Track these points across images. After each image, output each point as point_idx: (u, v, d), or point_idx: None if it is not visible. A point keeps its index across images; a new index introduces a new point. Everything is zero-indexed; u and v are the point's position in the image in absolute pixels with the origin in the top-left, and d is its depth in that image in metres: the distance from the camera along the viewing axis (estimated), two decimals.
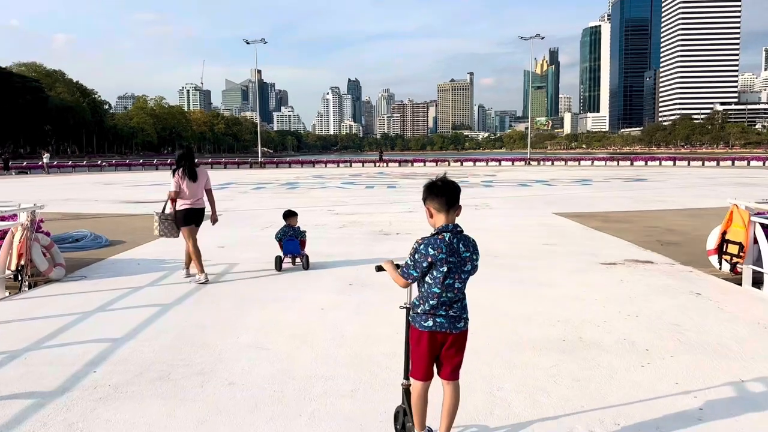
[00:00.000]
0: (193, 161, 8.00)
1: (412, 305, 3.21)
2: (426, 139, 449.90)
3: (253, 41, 65.97)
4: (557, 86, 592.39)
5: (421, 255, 3.03)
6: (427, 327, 3.07)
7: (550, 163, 63.73)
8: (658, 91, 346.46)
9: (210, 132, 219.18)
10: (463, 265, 3.07)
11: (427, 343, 3.09)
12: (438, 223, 3.12)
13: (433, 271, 3.03)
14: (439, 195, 3.10)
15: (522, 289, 7.15)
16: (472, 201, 19.24)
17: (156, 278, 7.90)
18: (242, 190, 25.57)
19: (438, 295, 3.04)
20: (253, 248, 10.27)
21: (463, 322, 3.13)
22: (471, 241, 3.16)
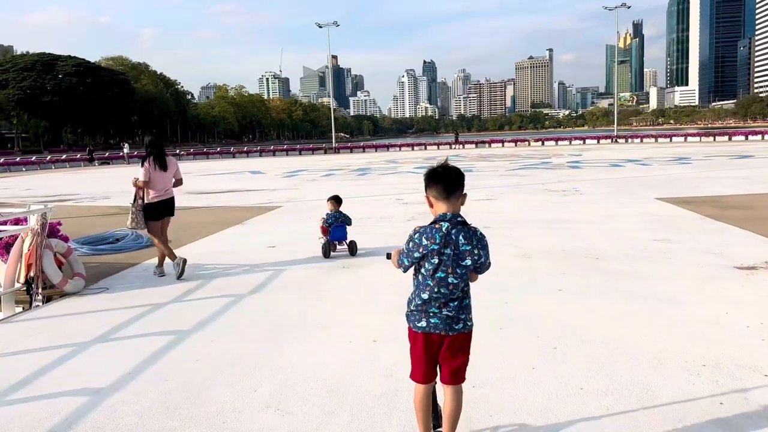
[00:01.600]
0: (162, 149, 7.65)
1: (408, 300, 2.99)
2: (504, 118, 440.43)
3: (325, 25, 65.09)
4: (642, 60, 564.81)
5: (414, 244, 2.85)
6: (421, 328, 2.88)
7: (639, 141, 59.75)
8: (753, 61, 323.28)
9: (288, 119, 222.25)
10: (460, 259, 2.81)
11: (422, 345, 2.89)
12: (438, 212, 2.87)
13: (425, 263, 2.83)
14: (438, 181, 2.84)
15: (636, 309, 5.42)
16: (559, 185, 17.27)
17: (186, 290, 6.66)
18: (311, 178, 24.49)
19: (430, 288, 2.84)
20: (308, 247, 8.93)
21: (461, 323, 2.87)
22: (476, 234, 2.94)
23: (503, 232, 9.68)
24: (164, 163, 7.52)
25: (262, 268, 7.67)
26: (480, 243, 2.91)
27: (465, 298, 2.88)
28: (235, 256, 8.49)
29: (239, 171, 32.24)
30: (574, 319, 5.15)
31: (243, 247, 9.25)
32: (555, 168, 25.17)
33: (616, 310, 5.41)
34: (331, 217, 8.46)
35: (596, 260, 7.43)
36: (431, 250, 2.77)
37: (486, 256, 2.92)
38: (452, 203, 2.84)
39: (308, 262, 7.98)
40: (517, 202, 13.77)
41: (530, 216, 11.51)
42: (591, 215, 11.40)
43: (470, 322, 2.91)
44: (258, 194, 18.08)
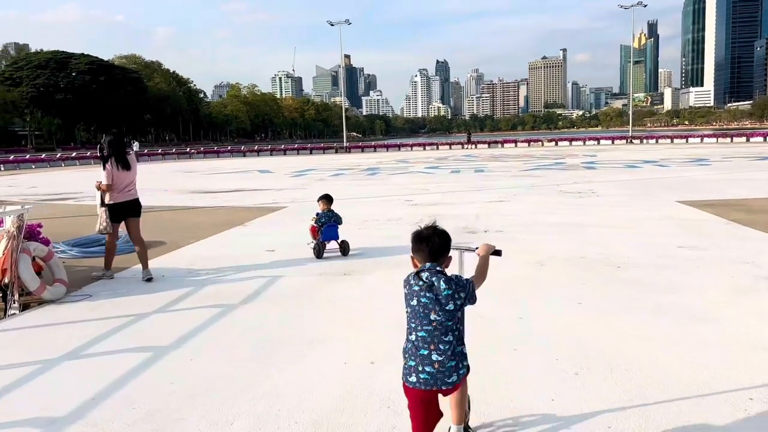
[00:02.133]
0: (124, 148, 7.38)
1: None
2: (517, 118, 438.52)
3: (337, 23, 64.65)
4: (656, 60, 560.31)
5: (406, 292, 2.84)
6: (410, 382, 2.76)
7: (654, 141, 58.80)
8: None
9: (301, 118, 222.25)
10: (443, 303, 2.71)
11: (415, 400, 2.79)
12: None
13: (412, 304, 2.79)
14: (422, 247, 2.82)
15: (666, 327, 4.85)
16: (574, 186, 16.65)
17: (173, 299, 6.17)
18: (319, 177, 24.00)
19: (415, 329, 2.79)
20: (308, 251, 8.42)
21: (455, 375, 2.74)
22: (455, 279, 2.79)
23: (517, 237, 9.11)
24: (127, 162, 7.25)
25: (258, 273, 7.17)
26: (461, 286, 2.76)
27: (456, 346, 2.76)
28: (232, 261, 8.00)
29: (248, 170, 31.82)
30: (598, 339, 4.59)
31: (241, 250, 8.75)
32: (569, 169, 24.52)
33: (643, 327, 4.84)
34: (323, 216, 8.26)
35: (618, 269, 6.86)
36: (414, 292, 2.77)
37: (469, 295, 2.79)
38: (430, 260, 2.81)
39: (307, 267, 7.46)
40: (531, 204, 13.19)
41: (545, 219, 10.94)
42: (610, 219, 10.81)
43: (463, 371, 2.80)
44: (263, 194, 17.61)
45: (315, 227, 8.24)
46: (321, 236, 8.16)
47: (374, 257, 7.93)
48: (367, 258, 7.88)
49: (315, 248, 8.07)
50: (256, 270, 7.36)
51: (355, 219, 11.57)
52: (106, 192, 7.21)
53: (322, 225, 8.21)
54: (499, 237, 9.21)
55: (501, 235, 9.41)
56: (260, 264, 7.75)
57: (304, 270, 7.34)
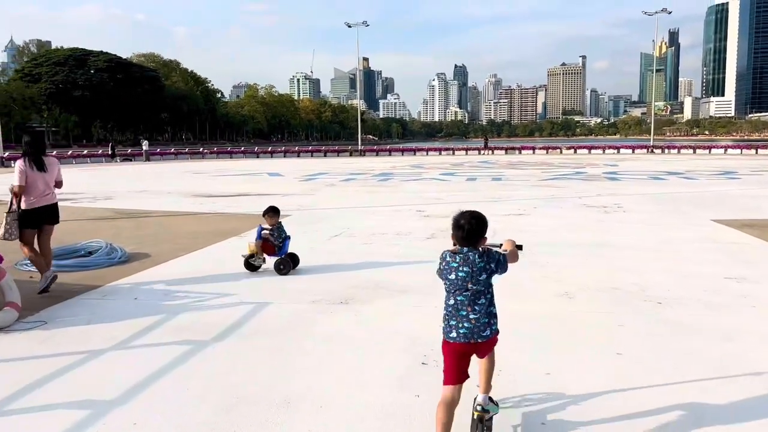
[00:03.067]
0: (40, 148, 6.90)
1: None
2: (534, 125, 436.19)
3: (355, 24, 63.85)
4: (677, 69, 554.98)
5: (442, 266, 3.23)
6: (451, 337, 3.16)
7: (677, 151, 57.38)
8: None
9: (317, 120, 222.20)
10: (477, 274, 3.14)
11: (449, 354, 3.19)
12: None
13: (452, 278, 3.17)
14: (459, 230, 3.24)
15: (736, 396, 3.87)
16: (598, 200, 15.60)
17: (138, 329, 5.27)
18: (329, 183, 23.10)
19: (454, 297, 3.19)
20: (306, 272, 7.52)
21: (488, 330, 3.17)
22: (489, 252, 3.25)
23: (540, 259, 8.13)
24: (42, 164, 6.73)
25: (243, 298, 6.26)
26: (492, 260, 3.20)
27: (488, 308, 3.19)
28: (218, 280, 7.11)
29: (258, 172, 31.01)
30: (650, 413, 3.62)
31: (230, 267, 7.85)
32: (591, 179, 23.43)
33: (707, 396, 3.85)
34: (278, 230, 7.65)
35: (659, 306, 5.87)
36: (449, 268, 3.17)
37: (499, 265, 3.21)
38: (466, 244, 3.20)
39: (300, 291, 6.53)
40: (554, 219, 12.19)
41: (570, 237, 9.94)
42: (641, 239, 9.80)
43: (495, 327, 3.22)
44: (269, 199, 16.67)
45: (270, 246, 7.53)
46: (279, 252, 7.54)
47: (377, 281, 6.99)
48: (368, 282, 6.94)
49: (277, 266, 7.38)
50: (242, 293, 6.46)
51: (361, 232, 10.65)
52: (18, 195, 6.59)
53: (283, 240, 7.62)
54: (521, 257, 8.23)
55: (522, 255, 8.42)
56: (248, 285, 6.85)
57: (295, 295, 6.41)
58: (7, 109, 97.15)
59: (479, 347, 3.18)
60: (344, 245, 9.48)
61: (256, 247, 7.51)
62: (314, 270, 7.65)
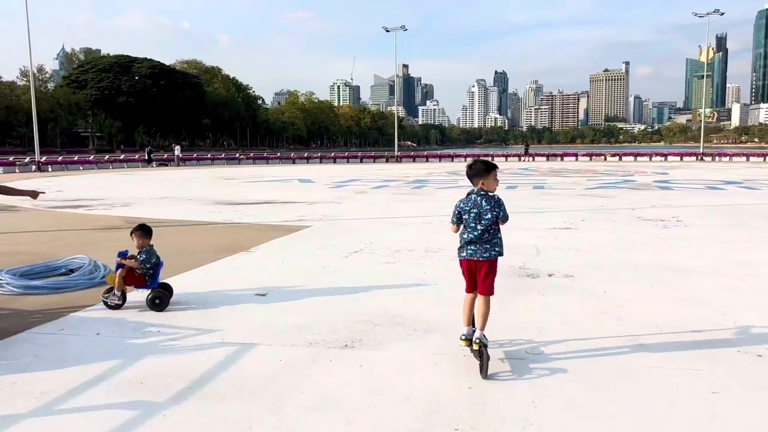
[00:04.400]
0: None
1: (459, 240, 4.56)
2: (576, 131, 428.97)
3: (392, 29, 62.82)
4: (724, 75, 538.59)
5: (457, 209, 4.50)
6: (463, 256, 4.53)
7: (728, 159, 54.72)
8: None
9: (356, 126, 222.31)
10: (483, 215, 4.37)
11: (465, 268, 4.57)
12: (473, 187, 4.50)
13: (465, 217, 4.43)
14: (468, 171, 4.58)
15: None
16: (653, 212, 14.04)
17: (85, 380, 4.13)
18: (360, 190, 21.94)
19: (468, 232, 4.43)
20: (310, 299, 6.33)
21: (488, 252, 4.42)
22: (494, 198, 4.45)
23: (594, 287, 6.77)
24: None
25: (225, 336, 5.08)
26: (497, 204, 4.42)
27: (493, 238, 4.43)
28: (203, 309, 5.96)
29: (289, 178, 30.10)
30: None
31: (223, 291, 6.70)
32: (642, 188, 21.74)
33: None
34: (147, 253, 6.09)
35: (760, 360, 4.47)
36: (465, 210, 4.43)
37: (502, 212, 4.43)
38: (476, 183, 4.44)
39: (298, 329, 5.32)
40: (605, 234, 10.75)
41: (626, 258, 8.52)
42: (710, 260, 8.31)
43: (496, 251, 4.46)
44: (293, 208, 15.65)
45: (139, 275, 5.98)
46: (151, 283, 5.99)
47: (394, 313, 5.74)
48: (383, 315, 5.69)
49: (152, 301, 5.86)
50: (227, 329, 5.28)
51: (385, 247, 9.41)
52: None
53: (151, 268, 6.04)
54: (569, 285, 6.89)
55: (571, 281, 7.07)
56: (237, 318, 5.67)
57: (291, 333, 5.19)
58: (54, 114, 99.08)
59: (480, 264, 4.42)
60: (363, 264, 8.26)
61: (116, 279, 5.88)
62: (321, 296, 6.44)
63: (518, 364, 4.42)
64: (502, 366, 4.38)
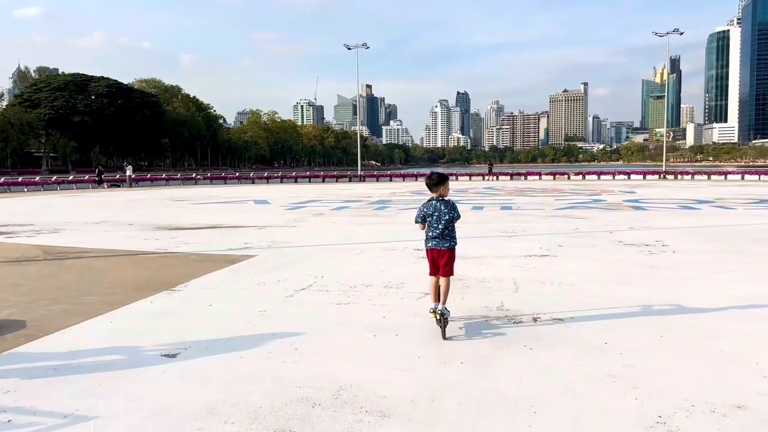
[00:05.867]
0: None
1: (424, 240, 5.89)
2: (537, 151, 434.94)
3: (354, 47, 61.82)
4: (678, 96, 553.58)
5: (421, 212, 5.78)
6: (429, 246, 5.81)
7: (690, 177, 54.84)
8: None
9: (320, 146, 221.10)
10: (442, 216, 5.68)
11: (429, 256, 5.84)
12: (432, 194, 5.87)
13: (429, 218, 5.74)
14: (426, 183, 5.97)
15: None
16: (634, 235, 12.91)
17: None
18: (319, 211, 20.46)
19: (432, 230, 5.74)
20: (234, 363, 4.89)
21: (448, 243, 5.71)
22: (449, 203, 5.80)
23: (589, 334, 5.48)
24: None
25: (103, 426, 3.60)
26: (453, 207, 5.79)
27: (450, 234, 5.75)
28: (83, 381, 4.46)
29: (244, 199, 28.45)
30: None
31: (124, 349, 5.20)
32: (613, 208, 20.77)
33: None
34: None
35: None
36: (428, 213, 5.73)
37: (456, 213, 5.81)
38: (435, 191, 5.80)
39: (207, 414, 3.85)
40: (588, 263, 9.52)
41: (620, 295, 7.25)
42: (719, 296, 7.11)
43: (453, 242, 5.78)
44: (240, 233, 14.12)
45: None
46: None
47: (341, 386, 4.33)
48: (326, 389, 4.27)
49: None
50: (106, 415, 3.80)
51: (339, 283, 8.00)
52: None
53: None
54: (561, 333, 5.58)
55: (562, 328, 5.77)
56: (126, 398, 4.18)
57: (192, 423, 3.74)
58: (4, 134, 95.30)
59: (442, 252, 5.70)
60: (310, 306, 6.82)
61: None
62: (249, 357, 4.99)
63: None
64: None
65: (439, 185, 5.79)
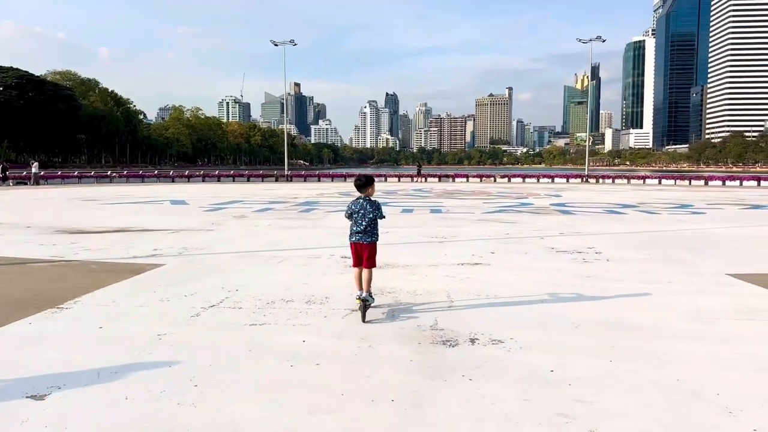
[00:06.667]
0: None
1: (349, 234, 6.57)
2: (463, 153, 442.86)
3: (281, 43, 60.40)
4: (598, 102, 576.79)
5: (349, 209, 6.46)
6: (353, 240, 6.43)
7: (611, 181, 56.41)
8: (705, 107, 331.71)
9: (246, 144, 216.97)
10: (367, 213, 6.31)
11: (353, 249, 6.45)
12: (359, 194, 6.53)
13: (354, 215, 6.38)
14: (355, 185, 6.60)
15: None
16: (565, 241, 12.60)
17: None
18: (240, 214, 19.35)
19: (356, 225, 6.35)
20: (112, 411, 3.99)
21: (370, 238, 6.32)
22: (375, 203, 6.44)
23: (533, 360, 4.88)
24: None
25: None
26: (377, 207, 6.42)
27: (373, 230, 6.37)
28: None
29: (160, 199, 26.86)
30: None
31: None
32: (542, 212, 20.67)
33: None
34: None
35: None
36: (354, 210, 6.37)
37: (380, 213, 6.45)
38: (363, 192, 6.46)
39: None
40: (523, 273, 9.02)
41: (560, 310, 6.74)
42: (664, 310, 6.70)
43: (375, 238, 6.39)
44: (150, 238, 12.96)
45: None
46: None
47: None
48: None
49: None
50: None
51: (255, 297, 7.15)
52: None
53: None
54: (503, 359, 4.97)
55: (503, 352, 5.16)
56: None
57: None
58: None
59: (364, 246, 6.31)
60: (218, 328, 5.95)
61: None
62: (132, 400, 4.10)
63: None
64: None
65: (366, 187, 6.49)
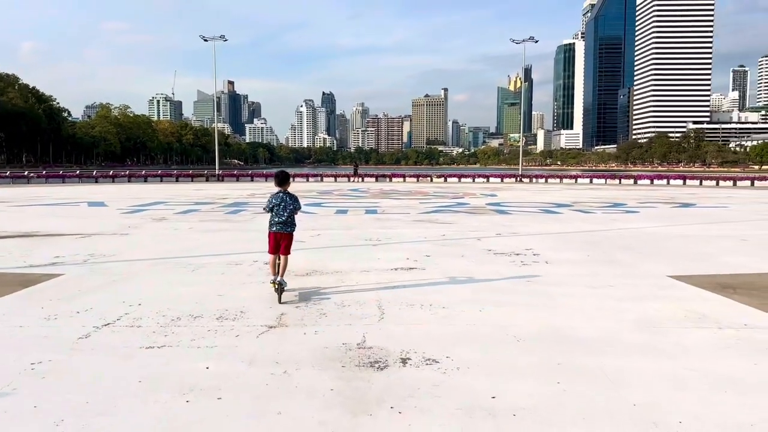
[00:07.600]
0: None
1: (268, 225, 7.20)
2: (401, 153, 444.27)
3: (211, 38, 58.50)
4: (530, 103, 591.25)
5: (269, 202, 7.08)
6: (272, 231, 7.04)
7: (544, 181, 57.21)
8: (632, 109, 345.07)
9: (178, 143, 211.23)
10: (287, 206, 7.05)
11: (272, 238, 7.05)
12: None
13: (274, 207, 7.05)
14: (275, 180, 7.24)
15: None
16: (502, 242, 12.14)
17: None
18: (161, 216, 18.13)
19: (277, 217, 7.04)
20: None
21: (289, 228, 7.07)
22: (293, 196, 7.19)
23: (473, 383, 4.25)
24: None
25: None
26: (295, 200, 7.21)
27: (292, 221, 7.14)
28: None
29: (77, 201, 25.14)
30: None
31: None
32: (477, 212, 20.32)
33: None
34: None
35: None
36: (276, 203, 7.03)
37: (298, 204, 7.24)
38: (283, 187, 7.17)
39: None
40: (460, 280, 8.44)
41: (501, 323, 6.15)
42: (609, 321, 6.23)
43: (294, 228, 7.15)
44: (55, 243, 11.75)
45: None
46: None
47: None
48: None
49: None
50: None
51: (158, 313, 6.26)
52: None
53: None
54: (438, 383, 4.31)
55: (439, 375, 4.50)
56: None
57: None
58: None
59: (283, 236, 7.01)
60: (107, 353, 5.05)
61: None
62: None
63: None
64: None
65: (285, 182, 7.21)
